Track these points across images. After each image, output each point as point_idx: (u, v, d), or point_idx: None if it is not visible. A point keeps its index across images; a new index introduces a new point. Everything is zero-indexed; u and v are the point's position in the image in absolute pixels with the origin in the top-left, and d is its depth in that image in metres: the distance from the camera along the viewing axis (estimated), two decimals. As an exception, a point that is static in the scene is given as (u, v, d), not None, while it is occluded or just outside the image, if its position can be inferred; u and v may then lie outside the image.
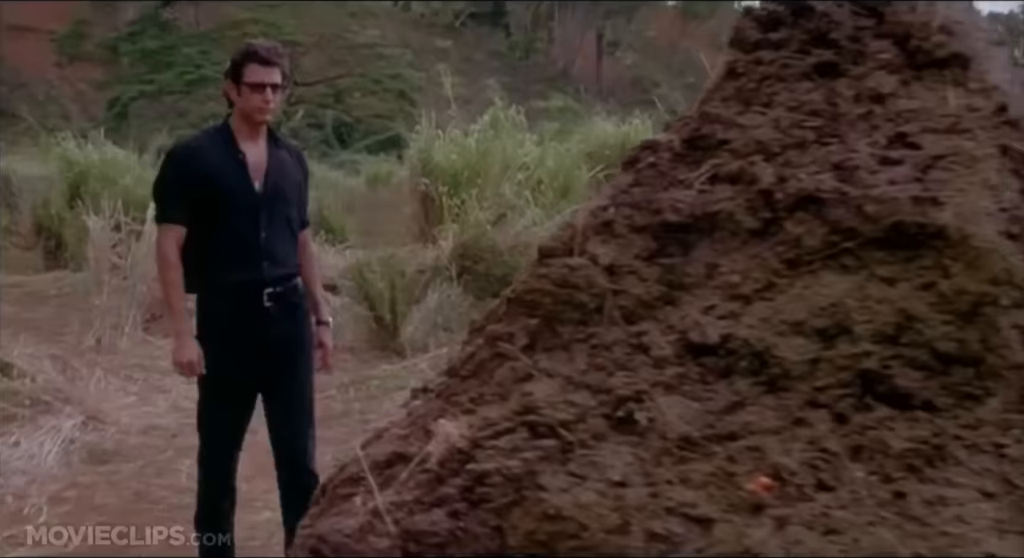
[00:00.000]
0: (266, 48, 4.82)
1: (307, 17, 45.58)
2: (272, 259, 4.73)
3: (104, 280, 11.41)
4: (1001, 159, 2.16)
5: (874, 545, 1.62)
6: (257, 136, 4.81)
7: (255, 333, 4.71)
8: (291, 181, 4.91)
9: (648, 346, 2.11)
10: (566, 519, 1.80)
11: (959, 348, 1.89)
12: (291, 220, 4.91)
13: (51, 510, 6.25)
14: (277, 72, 4.75)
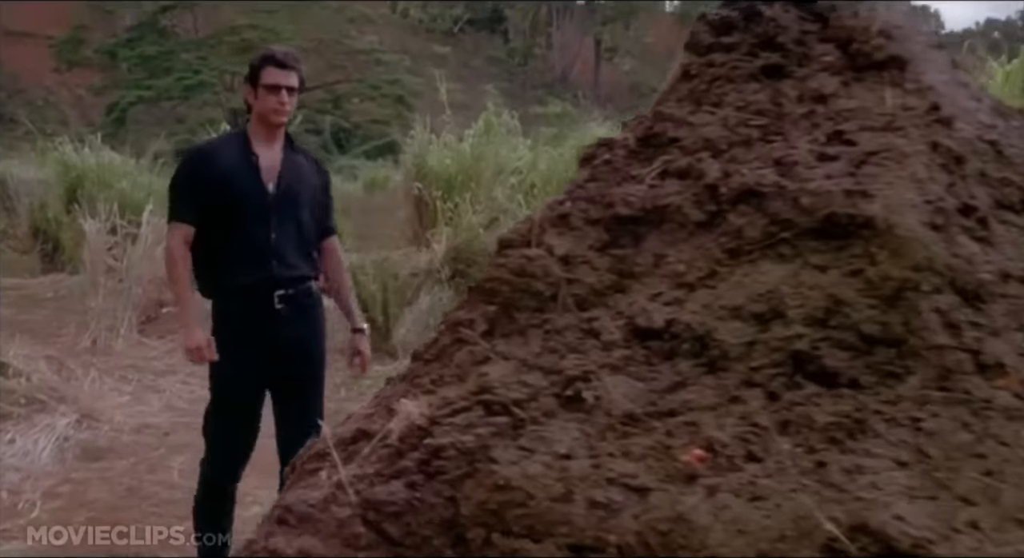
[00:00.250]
0: (283, 52, 4.96)
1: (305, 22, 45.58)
2: (282, 261, 4.82)
3: (100, 282, 11.54)
4: (931, 155, 2.29)
5: (794, 510, 1.75)
6: (273, 140, 4.92)
7: (266, 334, 4.82)
8: (306, 186, 5.00)
9: (598, 331, 2.24)
10: (514, 489, 1.93)
11: (883, 330, 2.02)
12: (303, 224, 4.97)
13: (44, 505, 6.36)
14: (294, 75, 4.87)
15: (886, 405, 1.92)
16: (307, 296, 4.98)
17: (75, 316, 11.86)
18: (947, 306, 2.03)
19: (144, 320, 11.96)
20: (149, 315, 12.15)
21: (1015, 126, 2.53)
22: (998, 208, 2.29)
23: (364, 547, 1.97)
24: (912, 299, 2.02)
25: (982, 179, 2.31)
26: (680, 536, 1.79)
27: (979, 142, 2.36)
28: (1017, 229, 2.27)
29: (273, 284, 4.81)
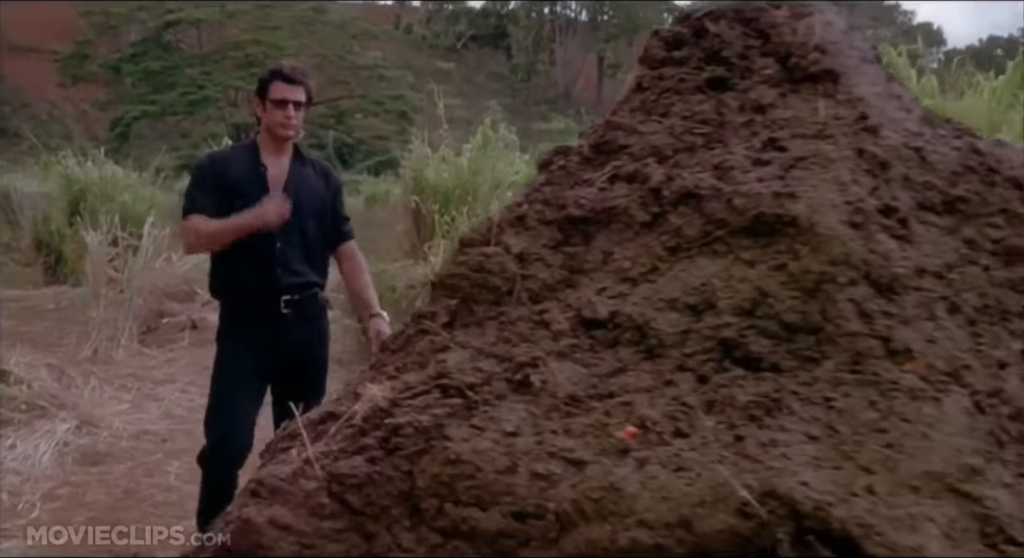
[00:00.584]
0: (291, 67, 5.13)
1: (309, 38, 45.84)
2: (287, 268, 4.98)
3: (101, 293, 11.67)
4: (857, 160, 2.48)
5: (713, 478, 1.93)
6: (282, 152, 5.08)
7: (271, 337, 4.98)
8: (312, 196, 5.15)
9: (548, 322, 2.43)
10: (465, 463, 2.12)
11: (802, 319, 2.21)
12: (309, 233, 5.10)
13: (44, 506, 6.50)
14: (301, 90, 5.05)
15: (802, 386, 2.11)
16: (312, 303, 5.15)
17: (76, 326, 12.00)
18: (861, 297, 2.22)
19: (144, 330, 12.12)
20: (149, 325, 12.31)
21: (941, 134, 2.72)
22: (920, 209, 2.48)
23: (328, 516, 2.15)
24: (829, 291, 2.22)
25: (906, 183, 2.50)
26: (611, 503, 1.98)
27: (904, 149, 2.55)
28: (937, 229, 2.46)
29: (279, 290, 4.98)
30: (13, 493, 6.73)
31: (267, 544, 2.13)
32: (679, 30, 2.94)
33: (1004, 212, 2.52)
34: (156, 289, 12.52)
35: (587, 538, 1.97)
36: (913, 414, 2.01)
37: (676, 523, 1.91)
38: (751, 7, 2.87)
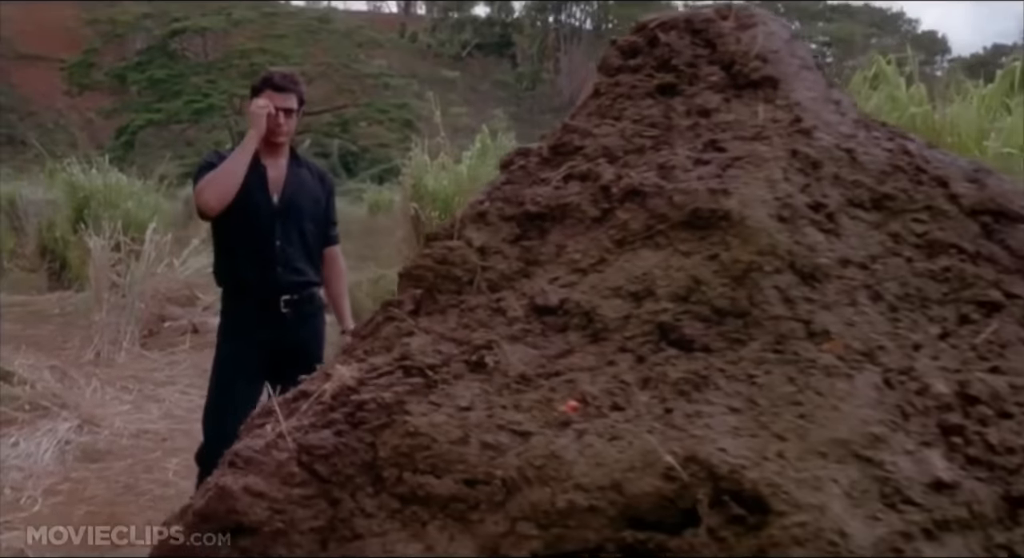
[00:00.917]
0: (282, 75, 5.35)
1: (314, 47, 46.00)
2: (287, 266, 5.21)
3: (104, 298, 11.90)
4: (790, 160, 2.68)
5: (642, 447, 2.13)
6: (278, 155, 5.32)
7: (270, 334, 5.19)
8: (309, 197, 5.39)
9: (504, 309, 2.64)
10: (422, 435, 2.33)
11: (731, 304, 2.42)
12: (306, 232, 5.36)
13: (45, 501, 6.72)
14: (292, 97, 5.26)
15: (728, 364, 2.32)
16: (310, 302, 5.37)
17: (80, 330, 12.24)
18: (785, 284, 2.42)
19: (146, 334, 12.34)
20: (151, 329, 12.53)
21: (875, 136, 2.92)
22: (849, 205, 2.68)
23: (298, 484, 2.36)
24: (756, 278, 2.42)
25: (836, 181, 2.70)
26: (552, 470, 2.18)
27: (836, 150, 2.75)
28: (864, 224, 2.66)
29: (279, 289, 5.20)
30: (15, 488, 6.94)
31: (241, 509, 2.34)
32: (635, 40, 3.15)
33: (929, 208, 2.72)
34: (158, 293, 12.74)
35: (530, 501, 2.18)
36: (827, 389, 2.21)
37: (608, 486, 2.12)
38: (701, 18, 3.08)
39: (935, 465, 2.10)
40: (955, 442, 2.18)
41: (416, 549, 2.25)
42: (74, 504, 6.67)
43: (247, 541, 2.34)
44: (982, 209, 2.75)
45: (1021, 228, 2.74)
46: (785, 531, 1.93)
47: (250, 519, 2.33)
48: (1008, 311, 2.56)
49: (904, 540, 1.98)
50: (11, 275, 17.71)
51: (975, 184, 2.80)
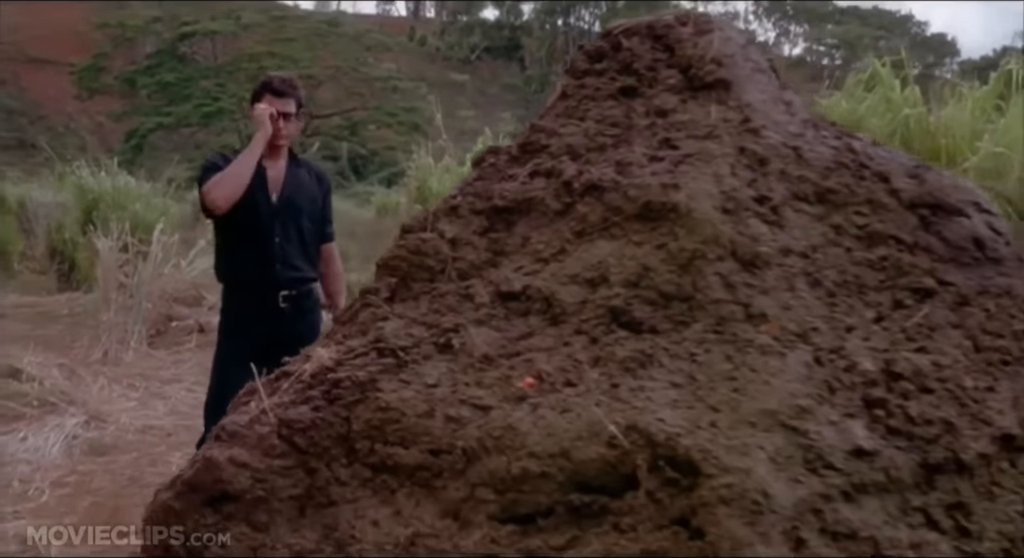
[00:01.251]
0: (280, 80, 5.57)
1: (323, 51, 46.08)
2: (286, 263, 5.42)
3: (112, 298, 12.06)
4: (738, 157, 2.88)
5: (590, 418, 2.34)
6: (278, 156, 5.52)
7: (268, 328, 5.38)
8: (307, 196, 5.61)
9: (472, 295, 2.85)
10: (392, 409, 2.54)
11: (677, 289, 2.62)
12: (305, 230, 5.57)
13: (52, 493, 6.90)
14: (291, 102, 5.47)
15: (672, 344, 2.52)
16: (308, 297, 5.57)
17: (88, 330, 12.37)
18: (727, 271, 2.63)
19: (153, 333, 12.51)
20: (158, 329, 12.69)
21: (823, 135, 3.12)
22: (794, 199, 2.88)
23: (278, 455, 2.57)
24: (700, 265, 2.63)
25: (782, 176, 2.90)
26: (508, 440, 2.39)
27: (783, 147, 2.96)
28: (808, 216, 2.86)
29: (277, 285, 5.41)
30: (24, 481, 7.11)
31: (226, 479, 2.55)
32: (601, 45, 3.35)
33: (870, 202, 2.92)
34: (165, 294, 12.90)
35: (488, 469, 2.39)
36: (760, 366, 2.42)
37: (558, 454, 2.32)
38: (662, 25, 3.28)
39: (856, 434, 2.31)
40: (878, 414, 2.39)
41: (385, 514, 2.46)
42: (80, 496, 6.83)
43: (231, 507, 2.55)
44: (921, 202, 2.95)
45: (957, 220, 2.94)
46: (713, 492, 2.13)
47: (234, 487, 2.54)
48: (940, 297, 2.76)
49: (823, 501, 2.18)
50: (21, 277, 17.85)
51: (915, 179, 3.00)
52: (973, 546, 2.25)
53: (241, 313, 5.50)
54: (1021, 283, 2.87)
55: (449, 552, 2.31)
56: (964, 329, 2.70)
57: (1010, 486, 2.38)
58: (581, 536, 2.25)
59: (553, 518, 2.30)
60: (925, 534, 2.24)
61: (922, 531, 2.25)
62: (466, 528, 2.35)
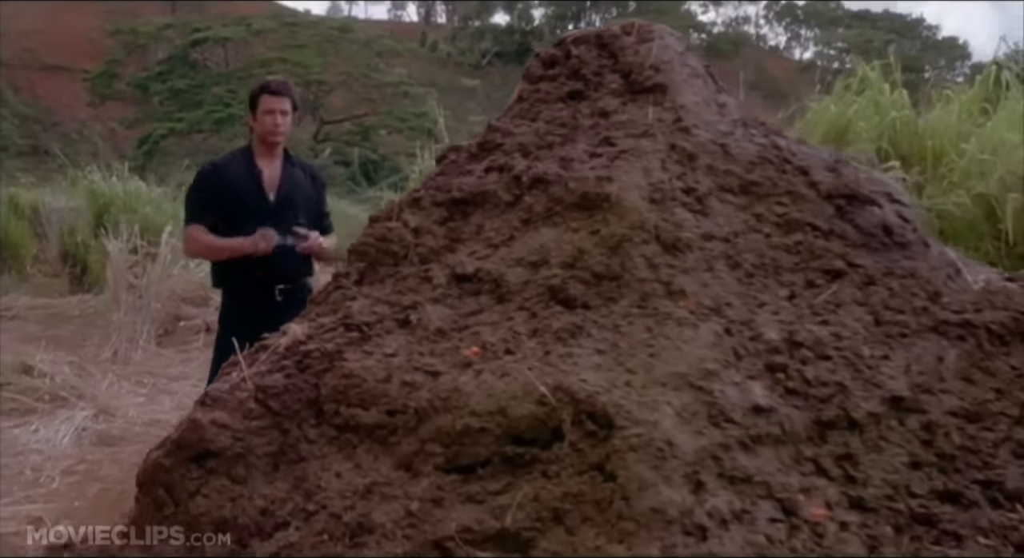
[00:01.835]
0: (277, 81, 5.91)
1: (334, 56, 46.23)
2: (283, 259, 5.73)
3: (121, 298, 12.36)
4: (668, 153, 3.22)
5: (524, 380, 2.67)
6: (273, 156, 5.85)
7: (265, 322, 5.68)
8: (302, 194, 5.93)
9: (431, 277, 3.19)
10: (355, 376, 2.88)
11: (607, 269, 2.96)
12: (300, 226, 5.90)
13: (62, 480, 7.22)
14: (287, 101, 5.81)
15: (601, 317, 2.86)
16: (302, 290, 5.88)
17: (99, 330, 12.64)
18: (651, 253, 2.96)
19: (162, 333, 12.79)
20: (167, 328, 12.98)
21: (752, 133, 3.46)
22: (720, 190, 3.21)
23: (255, 417, 2.91)
24: (627, 248, 2.96)
25: (709, 170, 3.24)
26: (454, 400, 2.74)
27: (711, 144, 3.29)
28: (732, 206, 3.19)
29: (275, 279, 5.73)
30: (35, 469, 7.41)
31: (209, 438, 2.89)
32: (554, 52, 3.70)
33: (790, 193, 3.25)
34: (173, 294, 13.18)
35: (436, 426, 2.73)
36: (675, 335, 2.75)
37: (496, 412, 2.66)
38: (608, 34, 3.62)
39: (756, 394, 2.64)
40: (778, 377, 2.72)
41: (347, 467, 2.80)
42: (88, 482, 7.13)
43: (213, 463, 2.89)
44: (837, 194, 3.29)
45: (869, 209, 3.27)
46: (625, 441, 2.46)
47: (216, 446, 2.89)
48: (849, 278, 3.09)
49: (723, 450, 2.51)
50: (34, 280, 18.09)
51: (833, 173, 3.33)
52: (858, 491, 2.58)
53: (240, 307, 5.81)
54: (925, 266, 3.20)
55: (400, 498, 2.65)
56: (868, 306, 3.03)
57: (897, 441, 2.71)
58: (514, 482, 2.58)
59: (491, 467, 2.63)
60: (815, 480, 2.57)
61: (812, 478, 2.58)
62: (416, 477, 2.69)
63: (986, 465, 2.71)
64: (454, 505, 2.59)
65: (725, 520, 2.40)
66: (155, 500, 2.92)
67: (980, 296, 3.13)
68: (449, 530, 2.51)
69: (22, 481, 7.08)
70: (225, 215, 5.66)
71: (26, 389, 9.01)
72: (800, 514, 2.49)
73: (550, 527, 2.46)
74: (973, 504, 2.62)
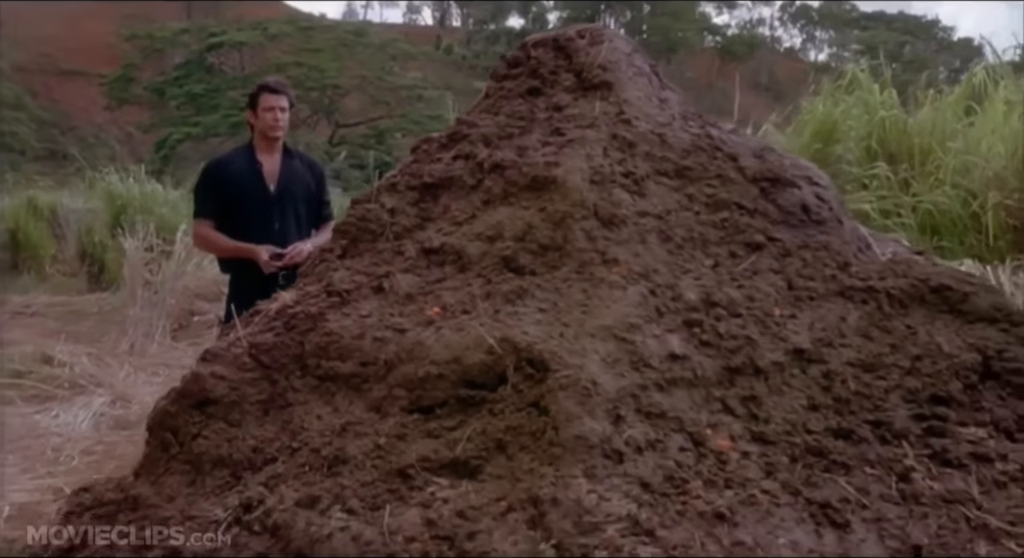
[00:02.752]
0: (275, 81, 6.42)
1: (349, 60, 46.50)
2: (284, 245, 6.14)
3: (138, 294, 12.78)
4: (610, 141, 3.68)
5: (477, 334, 3.14)
6: (273, 150, 6.33)
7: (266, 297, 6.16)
8: (301, 184, 6.39)
9: (403, 251, 3.66)
10: (334, 334, 3.35)
11: (551, 241, 3.43)
12: (300, 214, 6.36)
13: (81, 459, 7.68)
14: (284, 98, 6.28)
15: (545, 282, 3.33)
16: None
17: (116, 326, 13.05)
18: (590, 228, 3.42)
19: (176, 327, 13.22)
20: (181, 323, 13.41)
21: (689, 125, 3.92)
22: (656, 174, 3.67)
23: (249, 370, 3.38)
24: (569, 223, 3.43)
25: (647, 156, 3.69)
26: (418, 352, 3.21)
27: (650, 134, 3.75)
28: (666, 188, 3.65)
29: None
30: (56, 449, 7.86)
31: (209, 388, 3.36)
32: (517, 54, 4.17)
33: (720, 177, 3.71)
34: (187, 290, 13.62)
35: (402, 374, 3.20)
36: (606, 296, 3.21)
37: (452, 361, 3.13)
38: (564, 37, 4.09)
39: (673, 344, 3.10)
40: (694, 331, 3.18)
41: (327, 410, 3.26)
42: (106, 461, 7.55)
43: (212, 409, 3.36)
44: (761, 177, 3.74)
45: (790, 190, 3.73)
46: (556, 382, 2.92)
47: (215, 394, 3.35)
48: (768, 250, 3.55)
49: (641, 390, 2.97)
50: (52, 279, 18.48)
51: (759, 159, 3.79)
52: (760, 427, 3.04)
53: (245, 290, 6.26)
54: (838, 240, 3.65)
55: (371, 435, 3.11)
56: (783, 274, 3.49)
57: (798, 386, 3.17)
58: (466, 420, 3.04)
59: (447, 408, 3.10)
60: (722, 417, 3.03)
61: (719, 415, 3.04)
62: (384, 418, 3.15)
63: (877, 408, 3.16)
64: (415, 440, 3.05)
65: (640, 448, 2.85)
66: (162, 442, 3.37)
67: (885, 266, 3.58)
68: (411, 460, 2.97)
69: (44, 460, 7.50)
70: (230, 206, 6.12)
71: (46, 377, 9.47)
72: (707, 445, 2.94)
73: (494, 455, 2.92)
74: (863, 440, 3.07)
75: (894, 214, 8.16)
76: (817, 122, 9.55)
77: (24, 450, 7.88)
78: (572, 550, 2.52)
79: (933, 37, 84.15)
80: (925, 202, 8.08)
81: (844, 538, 2.78)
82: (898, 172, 8.55)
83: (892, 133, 9.18)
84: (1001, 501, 2.97)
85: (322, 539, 2.75)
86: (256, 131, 6.29)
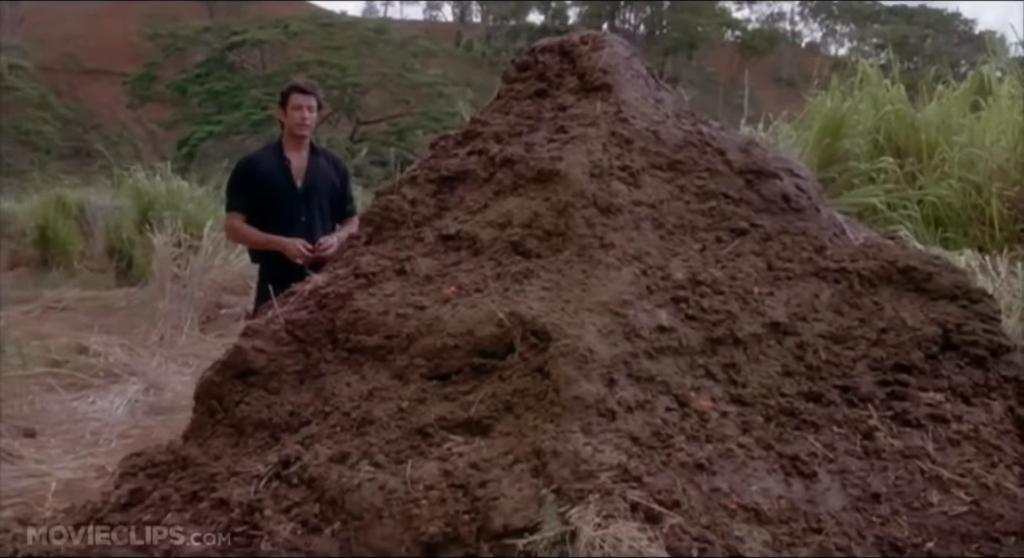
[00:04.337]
0: (305, 82, 6.83)
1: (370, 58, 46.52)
2: (309, 237, 6.53)
3: (166, 288, 13.11)
4: (609, 138, 4.08)
5: (488, 309, 3.54)
6: (300, 148, 6.73)
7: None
8: (326, 180, 6.79)
9: (423, 237, 4.07)
10: (361, 310, 3.76)
11: (555, 227, 3.82)
12: (324, 209, 6.74)
13: (118, 442, 8.05)
14: (312, 98, 6.68)
15: (550, 263, 3.73)
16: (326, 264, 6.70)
17: (145, 319, 13.31)
18: (589, 215, 3.82)
19: (204, 320, 13.51)
20: (209, 316, 13.71)
21: (681, 123, 4.31)
22: (650, 168, 4.07)
23: (286, 344, 3.80)
24: (570, 212, 3.82)
25: (642, 151, 4.09)
26: (436, 327, 3.61)
27: (646, 131, 4.14)
28: (660, 180, 4.05)
29: None
30: (94, 433, 8.24)
31: (250, 359, 3.77)
32: (526, 59, 4.57)
33: (709, 169, 4.10)
34: (215, 284, 13.90)
35: (423, 344, 3.60)
36: (603, 275, 3.61)
37: (466, 333, 3.54)
38: (569, 43, 4.48)
39: (661, 317, 3.50)
40: (680, 306, 3.58)
41: (355, 379, 3.67)
42: (142, 443, 7.73)
43: (253, 379, 3.77)
44: (747, 169, 4.13)
45: (772, 181, 4.12)
46: (557, 350, 3.32)
47: (255, 365, 3.77)
48: (751, 235, 3.94)
49: (632, 357, 3.37)
50: (81, 275, 18.71)
51: (744, 153, 4.18)
52: (738, 391, 3.44)
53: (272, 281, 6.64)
54: (815, 226, 4.05)
55: (394, 399, 3.52)
56: (764, 256, 3.88)
57: (774, 356, 3.57)
58: (479, 385, 3.45)
59: (462, 375, 3.51)
60: (704, 382, 3.44)
61: (702, 380, 3.44)
62: (406, 384, 3.56)
63: (845, 375, 3.56)
64: (434, 402, 3.45)
65: (631, 407, 3.25)
66: (208, 409, 3.79)
67: (857, 249, 3.97)
68: (430, 420, 3.38)
69: (84, 442, 7.85)
70: (259, 200, 6.53)
71: (82, 367, 9.83)
72: (691, 406, 3.35)
73: (503, 415, 3.32)
74: (831, 403, 3.47)
75: (900, 207, 8.42)
76: (825, 117, 9.71)
77: (64, 434, 8.22)
78: (570, 494, 2.91)
79: (954, 30, 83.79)
80: (931, 195, 8.35)
81: (811, 486, 3.18)
82: (904, 166, 8.77)
83: (899, 128, 9.37)
84: (954, 457, 3.36)
85: (352, 489, 3.15)
86: (285, 129, 6.68)
